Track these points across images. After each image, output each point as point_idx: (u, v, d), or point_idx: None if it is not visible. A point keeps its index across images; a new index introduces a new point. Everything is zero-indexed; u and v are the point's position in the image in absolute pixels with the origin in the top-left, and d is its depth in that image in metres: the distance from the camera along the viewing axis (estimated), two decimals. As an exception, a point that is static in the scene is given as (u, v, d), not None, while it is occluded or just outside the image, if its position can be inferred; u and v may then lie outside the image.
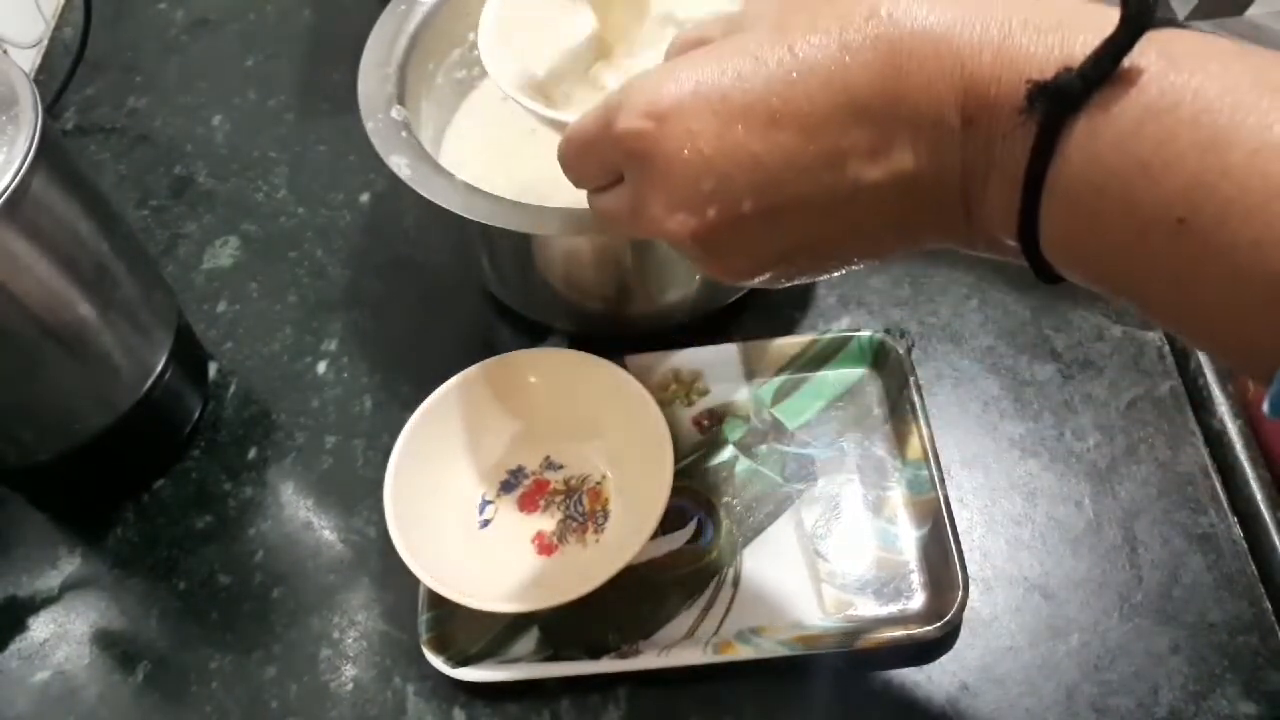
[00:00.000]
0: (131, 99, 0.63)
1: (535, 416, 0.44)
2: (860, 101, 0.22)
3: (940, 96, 0.22)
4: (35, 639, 0.43)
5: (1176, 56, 0.20)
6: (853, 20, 0.23)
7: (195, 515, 0.46)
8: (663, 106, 0.24)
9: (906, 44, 0.22)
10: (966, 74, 0.21)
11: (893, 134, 0.22)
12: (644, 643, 0.39)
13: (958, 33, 0.22)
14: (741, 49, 0.24)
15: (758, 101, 0.23)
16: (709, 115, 0.23)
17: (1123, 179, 0.20)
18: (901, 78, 0.22)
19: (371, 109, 0.45)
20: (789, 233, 0.24)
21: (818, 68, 0.23)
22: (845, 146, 0.23)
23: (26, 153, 0.36)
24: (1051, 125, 0.20)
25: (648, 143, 0.24)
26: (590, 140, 0.27)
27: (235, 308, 0.53)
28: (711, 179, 0.24)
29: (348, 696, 0.40)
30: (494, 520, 0.43)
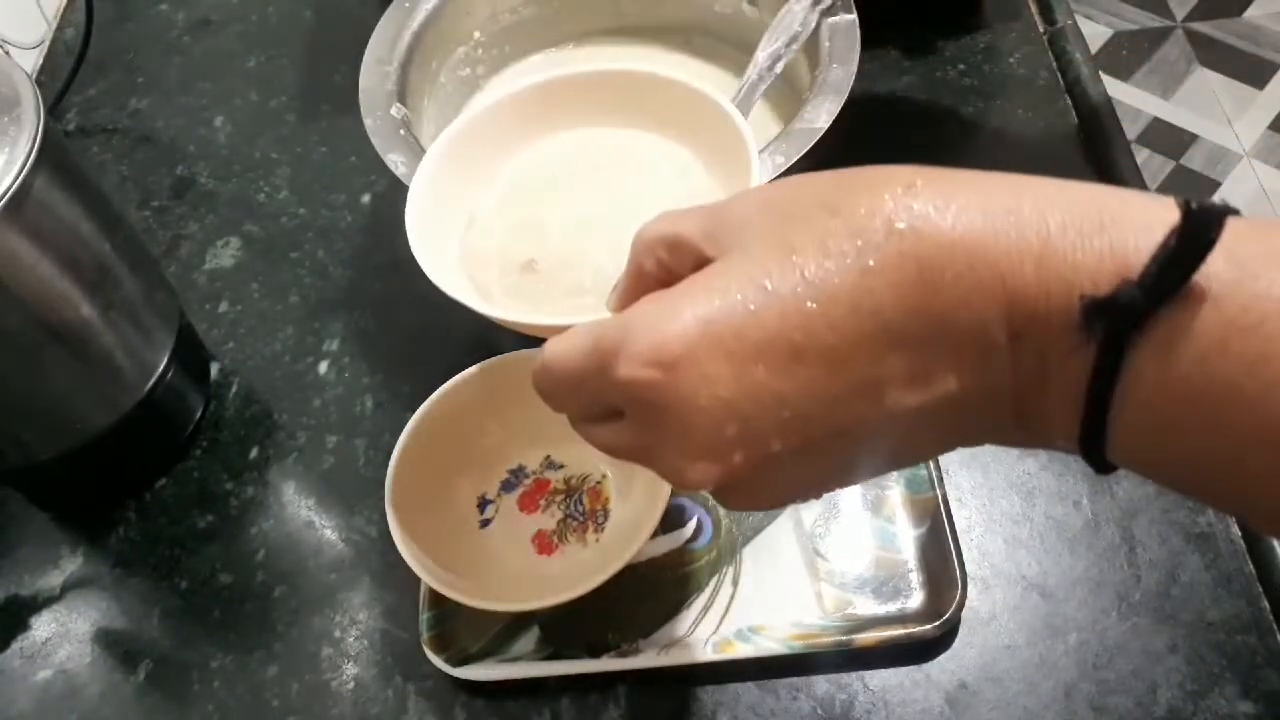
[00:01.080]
0: (133, 100, 0.63)
1: (535, 416, 0.44)
2: (893, 327, 0.20)
3: (982, 313, 0.20)
4: (37, 638, 0.44)
5: (1246, 260, 0.18)
6: (871, 237, 0.20)
7: (197, 515, 0.46)
8: (671, 354, 0.21)
9: (936, 259, 0.20)
10: (1009, 288, 0.19)
11: (932, 357, 0.20)
12: (644, 641, 0.39)
13: (991, 242, 0.20)
14: (747, 277, 0.21)
15: (776, 337, 0.21)
16: (723, 357, 0.21)
17: (1209, 402, 0.18)
18: (936, 296, 0.20)
19: (372, 106, 0.45)
20: (822, 463, 0.23)
21: (840, 294, 0.20)
22: (880, 375, 0.21)
23: (29, 153, 0.36)
24: (1115, 345, 0.19)
25: (657, 393, 0.21)
26: (579, 379, 0.24)
27: (237, 308, 0.53)
28: (734, 424, 0.21)
29: (349, 695, 0.41)
30: (494, 520, 0.43)
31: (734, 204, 0.24)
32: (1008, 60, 0.58)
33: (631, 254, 0.25)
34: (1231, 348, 0.18)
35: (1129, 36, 1.58)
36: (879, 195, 0.21)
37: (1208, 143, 1.46)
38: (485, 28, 0.52)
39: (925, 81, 0.57)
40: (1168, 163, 1.44)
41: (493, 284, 0.38)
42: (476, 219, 0.40)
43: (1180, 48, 1.57)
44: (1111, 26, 1.60)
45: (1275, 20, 1.59)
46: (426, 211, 0.39)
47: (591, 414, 0.25)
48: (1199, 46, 1.56)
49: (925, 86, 0.57)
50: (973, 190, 0.20)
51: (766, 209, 0.23)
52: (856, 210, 0.21)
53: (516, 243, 0.39)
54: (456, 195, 0.40)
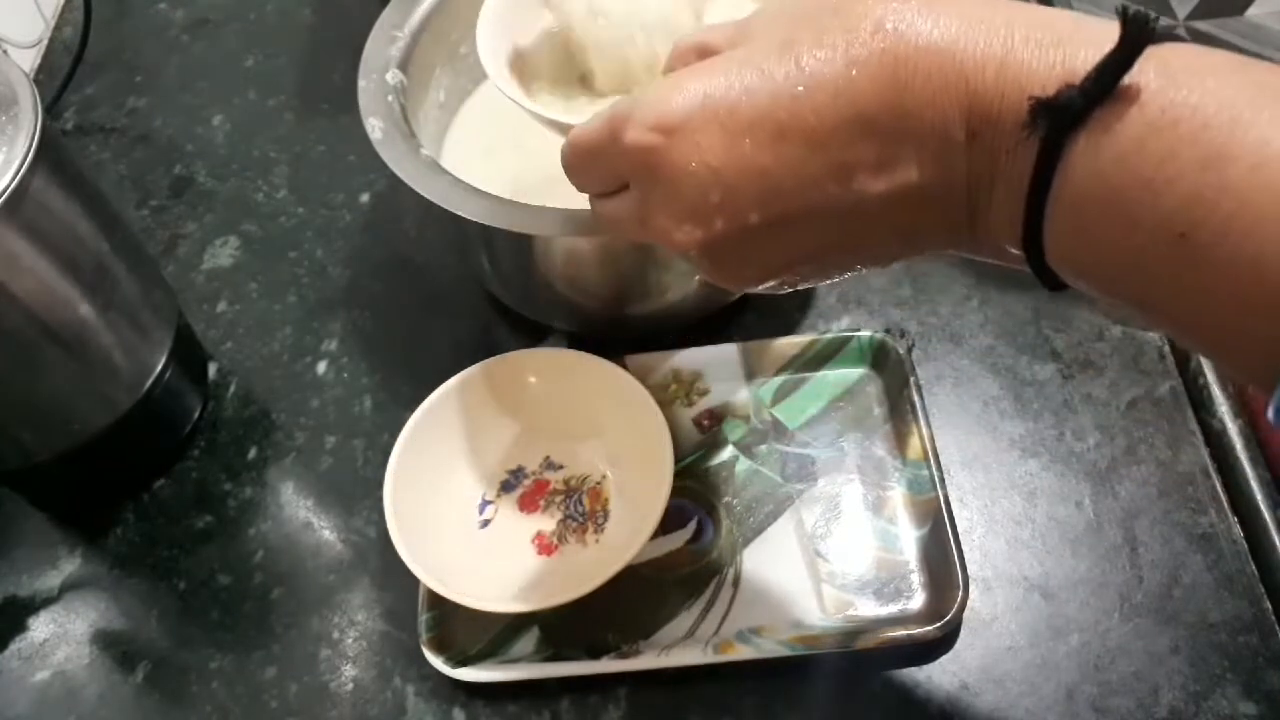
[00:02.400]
0: (131, 99, 0.63)
1: (535, 416, 0.44)
2: (866, 115, 0.23)
3: (945, 111, 0.22)
4: (35, 639, 0.43)
5: (1175, 72, 0.20)
6: (858, 34, 0.23)
7: (195, 515, 0.46)
8: (671, 120, 0.24)
9: (911, 59, 0.22)
10: (971, 89, 0.22)
11: (898, 147, 0.23)
12: (644, 643, 0.39)
13: (962, 47, 0.22)
14: (748, 62, 0.24)
15: (765, 115, 0.23)
16: (717, 128, 0.24)
17: (1125, 195, 0.20)
18: (907, 92, 0.22)
19: (370, 68, 0.45)
20: (795, 243, 0.25)
21: (824, 82, 0.23)
22: (851, 159, 0.23)
23: (26, 153, 0.36)
24: (1054, 141, 0.21)
25: (656, 156, 0.24)
26: (596, 149, 0.27)
27: (235, 308, 0.53)
28: (719, 191, 0.24)
29: (348, 696, 0.40)
30: (494, 520, 0.43)
31: (757, 13, 0.26)
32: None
33: (668, 62, 0.28)
34: (1147, 145, 0.20)
35: (1130, 35, 1.58)
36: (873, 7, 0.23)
37: (1209, 141, 1.45)
38: None
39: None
40: (1169, 161, 1.44)
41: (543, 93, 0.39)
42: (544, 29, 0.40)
43: (1182, 46, 1.56)
44: (1113, 25, 1.59)
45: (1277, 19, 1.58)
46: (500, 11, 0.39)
47: (605, 184, 0.28)
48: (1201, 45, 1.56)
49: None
50: (955, 2, 0.23)
51: (780, 14, 0.25)
52: (854, 10, 0.23)
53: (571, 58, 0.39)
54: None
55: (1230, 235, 0.19)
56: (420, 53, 0.47)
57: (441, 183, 0.41)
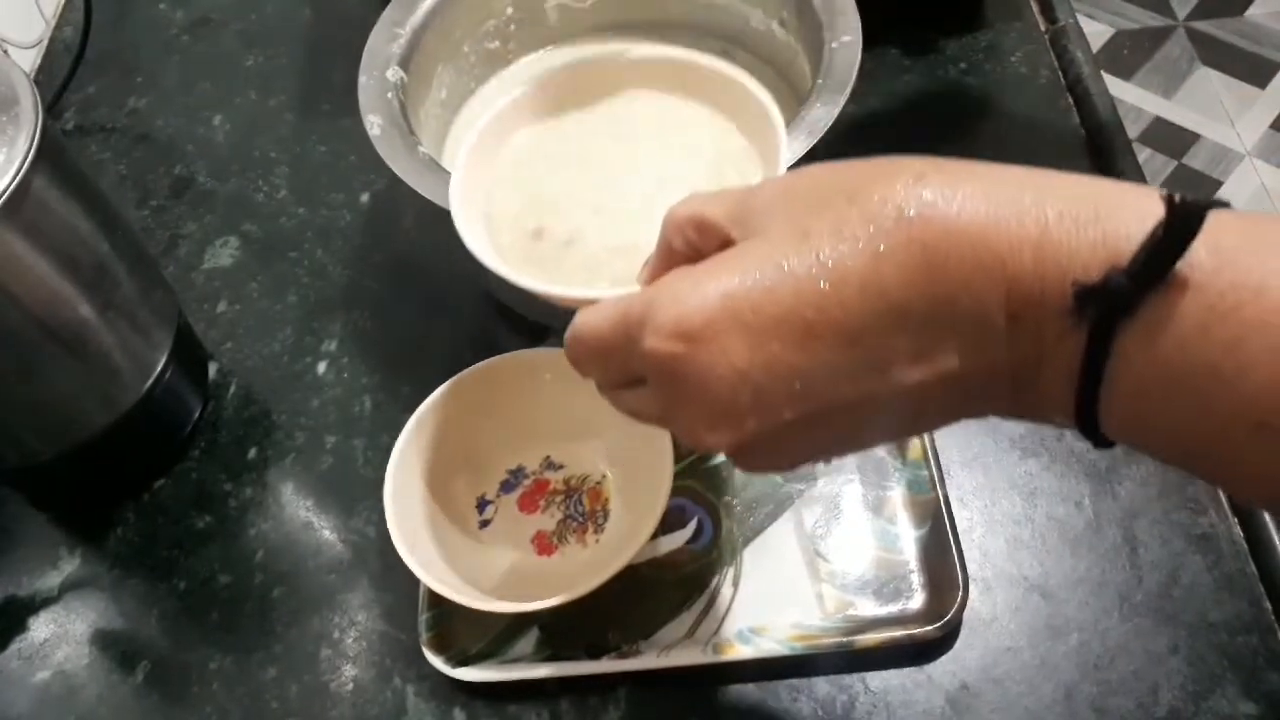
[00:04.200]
0: (132, 99, 0.63)
1: (535, 416, 0.44)
2: (899, 306, 0.22)
3: (982, 296, 0.21)
4: (35, 639, 0.43)
5: (1230, 251, 0.19)
6: (882, 223, 0.22)
7: (195, 515, 0.46)
8: (692, 325, 0.23)
9: (942, 245, 0.21)
10: (1008, 273, 0.21)
11: (935, 336, 0.22)
12: (644, 643, 0.39)
13: (993, 228, 0.21)
14: (766, 257, 0.23)
15: (791, 313, 0.22)
16: (741, 331, 0.22)
17: (1190, 382, 0.19)
18: (940, 280, 0.21)
19: (371, 65, 0.45)
20: (831, 431, 0.24)
21: (850, 275, 0.22)
22: (886, 352, 0.22)
23: (27, 153, 0.36)
24: (1104, 329, 0.20)
25: (679, 363, 0.23)
26: (607, 349, 0.26)
27: (235, 308, 0.53)
28: (749, 393, 0.23)
29: (348, 697, 0.40)
30: (494, 520, 0.43)
31: (759, 190, 0.25)
32: (1009, 59, 0.58)
33: (661, 232, 0.27)
34: (1211, 332, 0.19)
35: (1130, 35, 1.58)
36: (892, 184, 0.22)
37: (1209, 142, 1.45)
38: (520, 5, 0.52)
39: (926, 80, 0.57)
40: (1169, 162, 1.44)
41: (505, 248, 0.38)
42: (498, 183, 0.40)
43: (1182, 47, 1.56)
44: (1113, 25, 1.59)
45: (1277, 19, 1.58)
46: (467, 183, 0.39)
47: (618, 381, 0.27)
48: (1200, 45, 1.56)
49: (926, 85, 0.57)
50: (978, 180, 0.22)
51: (788, 196, 0.24)
52: (871, 198, 0.22)
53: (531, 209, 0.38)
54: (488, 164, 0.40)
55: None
56: (422, 50, 0.48)
57: (439, 181, 0.41)
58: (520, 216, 0.38)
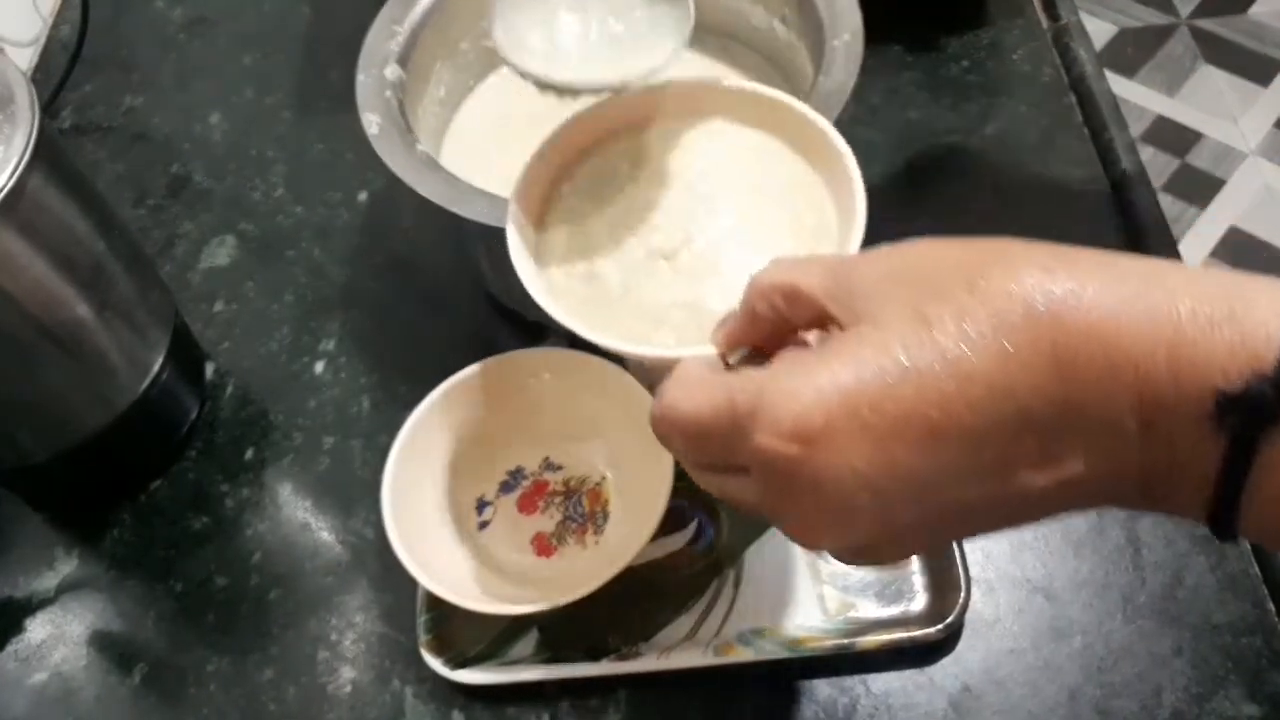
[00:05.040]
0: (128, 97, 0.63)
1: (535, 417, 0.44)
2: (1027, 409, 0.21)
3: (1113, 401, 0.20)
4: (32, 640, 0.43)
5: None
6: (1007, 319, 0.21)
7: (192, 516, 0.46)
8: (810, 427, 0.22)
9: (1072, 346, 0.20)
10: (1140, 376, 0.20)
11: (1064, 441, 0.21)
12: (644, 645, 0.39)
13: (1124, 329, 0.20)
14: (883, 350, 0.22)
15: (914, 413, 0.21)
16: (860, 431, 0.21)
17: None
18: (1070, 382, 0.20)
19: (369, 63, 0.45)
20: (943, 530, 0.24)
21: (977, 375, 0.21)
22: (1012, 456, 0.21)
23: (23, 151, 0.36)
24: (1247, 439, 0.19)
25: (795, 465, 0.22)
26: (706, 434, 0.24)
27: (232, 307, 0.53)
28: (867, 497, 0.22)
29: (346, 699, 0.40)
30: (493, 521, 0.42)
31: (859, 267, 0.24)
32: (1011, 57, 0.57)
33: (746, 297, 0.26)
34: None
35: (1133, 33, 1.58)
36: (1016, 275, 0.21)
37: (1212, 140, 1.45)
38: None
39: (928, 78, 0.57)
40: (1172, 160, 1.44)
41: (559, 289, 0.35)
42: (552, 215, 0.37)
43: (1185, 45, 1.56)
44: (1116, 23, 1.59)
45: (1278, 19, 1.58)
46: (521, 224, 0.36)
47: (714, 466, 0.25)
48: (1204, 44, 1.56)
49: (928, 83, 0.57)
50: (1105, 275, 0.21)
51: (897, 279, 0.23)
52: (994, 289, 0.21)
53: (583, 249, 0.35)
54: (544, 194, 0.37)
55: None
56: (420, 48, 0.47)
57: (437, 179, 0.41)
58: (569, 256, 0.35)
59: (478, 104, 0.52)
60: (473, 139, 0.51)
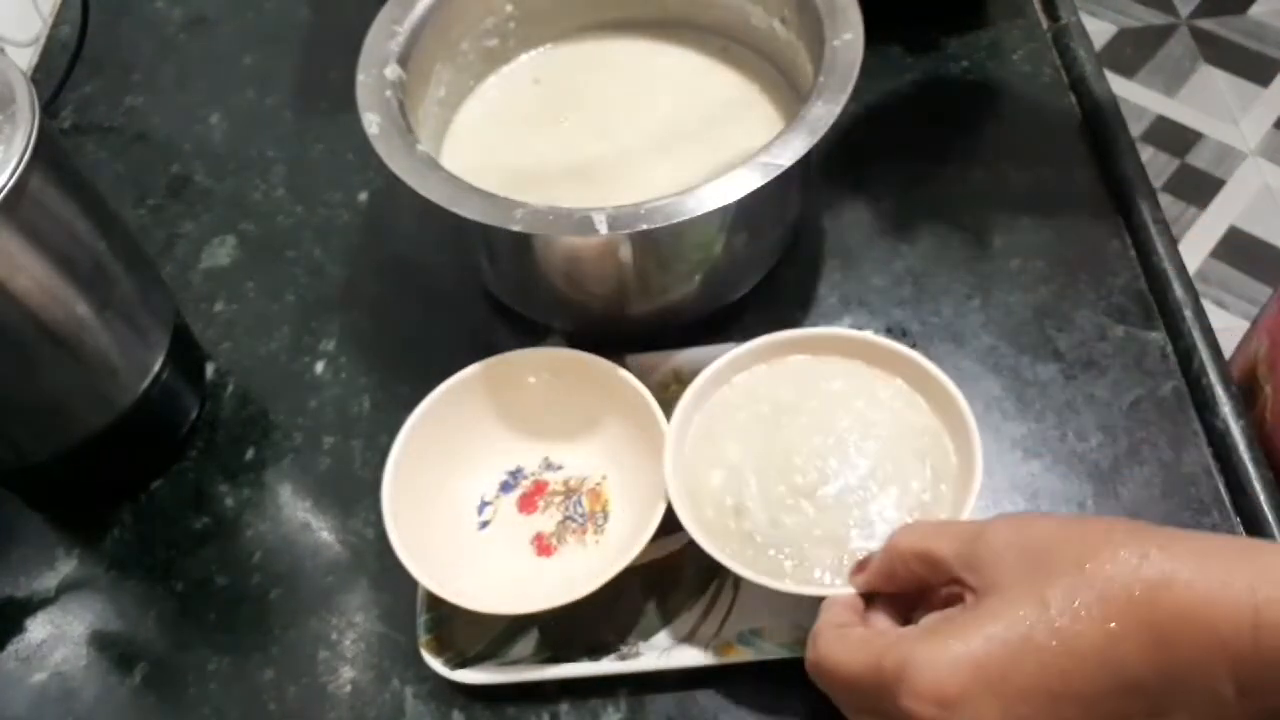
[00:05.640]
0: (129, 97, 0.63)
1: (535, 416, 0.44)
2: (1135, 679, 0.24)
3: (1210, 672, 0.24)
4: (32, 640, 0.43)
5: None
6: (1115, 602, 0.25)
7: (193, 516, 0.46)
8: (949, 694, 0.26)
9: (1170, 625, 0.24)
10: (1231, 653, 0.23)
11: (1168, 702, 0.24)
12: (644, 644, 0.39)
13: (1215, 611, 0.24)
14: (1010, 626, 0.26)
15: (1038, 683, 0.25)
16: (992, 698, 0.25)
17: None
18: (1171, 656, 0.24)
19: (369, 63, 0.45)
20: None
21: (1090, 652, 0.25)
22: (1124, 713, 0.25)
23: (23, 151, 0.36)
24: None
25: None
26: (857, 687, 0.28)
27: (233, 307, 0.53)
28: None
29: (346, 698, 0.40)
30: (493, 521, 0.42)
31: (988, 535, 0.29)
32: (1011, 57, 0.57)
33: (885, 556, 0.31)
34: None
35: (1133, 33, 1.58)
36: (1118, 555, 0.25)
37: (1212, 140, 1.45)
38: (520, 3, 0.52)
39: (928, 78, 0.57)
40: (1172, 160, 1.44)
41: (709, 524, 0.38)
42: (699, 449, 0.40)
43: (1185, 45, 1.56)
44: (1116, 23, 1.59)
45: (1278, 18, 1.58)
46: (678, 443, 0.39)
47: (866, 711, 0.29)
48: (1203, 44, 1.56)
49: (928, 83, 0.57)
50: (1194, 559, 0.25)
51: (1020, 551, 0.27)
52: (1100, 573, 0.25)
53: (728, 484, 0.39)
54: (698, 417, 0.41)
55: None
56: (420, 48, 0.47)
57: (437, 179, 0.41)
58: (717, 492, 0.39)
59: (478, 104, 0.53)
60: (473, 139, 0.51)
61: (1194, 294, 0.47)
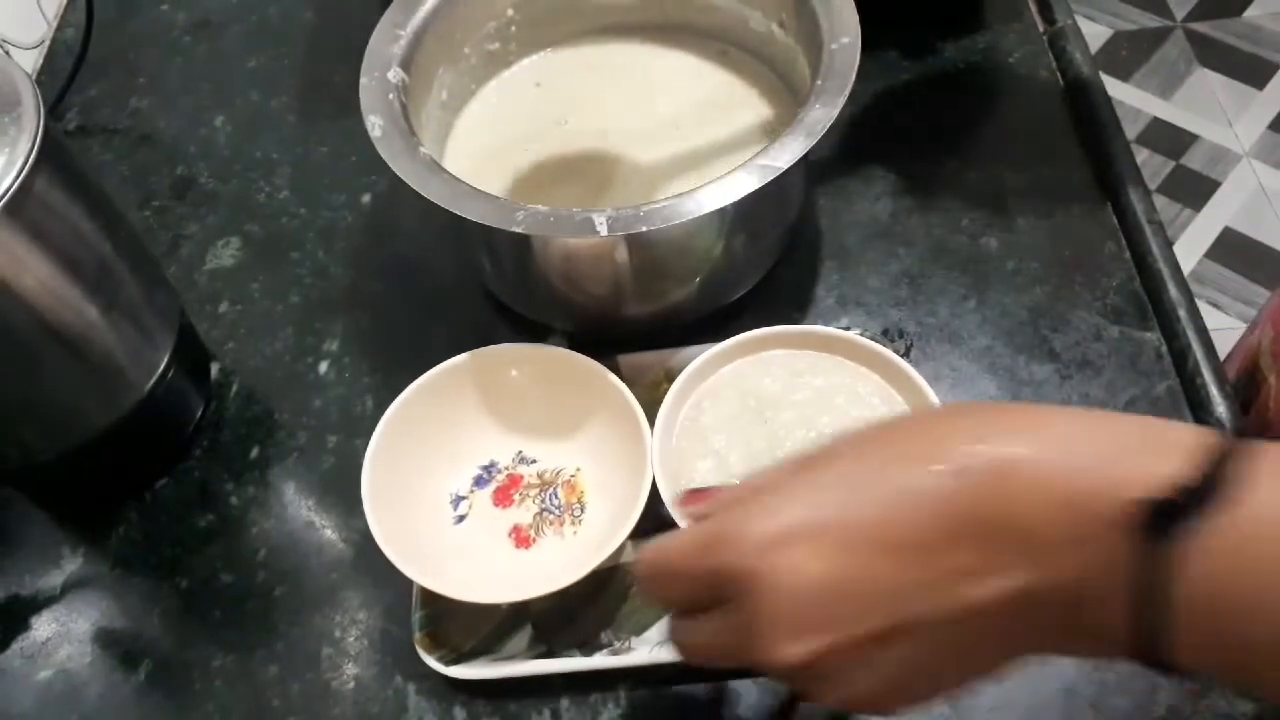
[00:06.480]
0: (134, 100, 0.63)
1: (505, 411, 0.44)
2: (969, 526, 0.23)
3: (1049, 519, 0.23)
4: (38, 638, 0.44)
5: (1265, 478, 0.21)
6: (952, 449, 0.24)
7: (197, 514, 0.46)
8: (769, 543, 0.24)
9: (1009, 469, 0.23)
10: (1070, 495, 0.22)
11: (1002, 555, 0.23)
12: (636, 639, 0.39)
13: (1057, 458, 0.23)
14: (839, 477, 0.25)
15: (865, 530, 0.24)
16: (816, 548, 0.24)
17: (1254, 593, 0.20)
18: (1008, 502, 0.23)
19: (372, 66, 0.45)
20: (904, 655, 0.25)
21: (923, 495, 0.24)
22: (956, 568, 0.23)
23: (29, 154, 0.36)
24: (1164, 546, 0.21)
25: (756, 579, 0.24)
26: (686, 569, 0.27)
27: (237, 308, 0.53)
28: (824, 608, 0.24)
29: (349, 695, 0.41)
30: (469, 515, 0.42)
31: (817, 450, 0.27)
32: (1007, 60, 0.58)
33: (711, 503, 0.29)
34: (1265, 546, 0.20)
35: (1129, 36, 1.58)
36: (964, 425, 0.25)
37: (1207, 143, 1.46)
38: (521, 7, 0.52)
39: (925, 81, 0.57)
40: (1167, 163, 1.44)
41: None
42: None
43: (1180, 48, 1.57)
44: (1111, 26, 1.60)
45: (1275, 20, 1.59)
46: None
47: (694, 601, 0.27)
48: (1199, 46, 1.56)
49: (925, 86, 0.57)
50: (1039, 422, 0.24)
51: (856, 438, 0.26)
52: (941, 433, 0.25)
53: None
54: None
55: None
56: (423, 52, 0.48)
57: (440, 182, 0.41)
58: (705, 479, 0.40)
59: (479, 107, 0.53)
60: (474, 142, 0.52)
61: (1189, 295, 0.47)
